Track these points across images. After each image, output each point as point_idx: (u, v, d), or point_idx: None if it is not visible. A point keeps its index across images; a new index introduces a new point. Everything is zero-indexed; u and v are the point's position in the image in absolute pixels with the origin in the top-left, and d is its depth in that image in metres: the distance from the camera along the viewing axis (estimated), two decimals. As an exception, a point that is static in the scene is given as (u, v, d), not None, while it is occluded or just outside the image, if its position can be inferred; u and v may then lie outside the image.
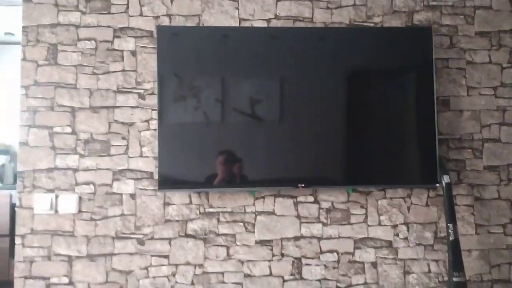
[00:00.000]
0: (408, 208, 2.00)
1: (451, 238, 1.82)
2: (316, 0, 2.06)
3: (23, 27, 1.94)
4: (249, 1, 2.04)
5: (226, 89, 1.95)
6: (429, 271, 1.97)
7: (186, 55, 1.92)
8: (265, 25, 2.03)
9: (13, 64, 3.90)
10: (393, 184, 1.98)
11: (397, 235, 1.99)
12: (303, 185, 1.88)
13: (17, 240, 1.88)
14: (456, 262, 1.80)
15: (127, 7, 1.97)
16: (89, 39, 1.95)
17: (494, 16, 2.13)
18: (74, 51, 1.94)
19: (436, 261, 1.98)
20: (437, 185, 1.93)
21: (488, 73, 2.09)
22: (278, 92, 1.97)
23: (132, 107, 1.94)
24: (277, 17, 2.05)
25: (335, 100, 1.99)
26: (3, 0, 3.05)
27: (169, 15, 2.00)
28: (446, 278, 1.95)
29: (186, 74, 1.92)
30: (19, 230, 1.87)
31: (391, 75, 2.05)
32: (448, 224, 1.84)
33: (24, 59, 1.92)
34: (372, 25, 2.07)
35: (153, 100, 1.94)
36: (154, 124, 1.94)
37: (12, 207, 3.39)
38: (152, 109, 1.94)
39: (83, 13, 1.96)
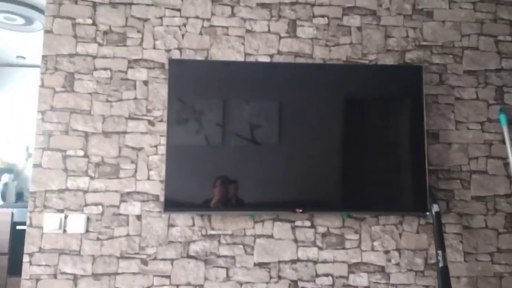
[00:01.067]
0: (400, 235, 2.11)
1: (441, 264, 1.92)
2: (316, 38, 2.23)
3: (43, 56, 2.08)
4: (254, 38, 2.20)
5: (227, 115, 2.07)
6: (420, 297, 2.06)
7: (195, 85, 2.06)
8: (269, 59, 2.18)
9: (22, 86, 4.05)
10: (386, 211, 2.09)
11: (389, 260, 2.08)
12: (301, 210, 1.99)
13: (25, 258, 1.95)
14: (445, 288, 1.89)
15: (142, 40, 2.13)
16: (104, 69, 2.09)
17: (481, 56, 2.29)
18: (90, 80, 2.07)
19: (427, 287, 2.07)
20: (427, 213, 2.04)
21: (475, 109, 2.24)
22: (277, 119, 2.10)
23: (142, 133, 2.07)
24: (279, 52, 2.21)
25: (332, 130, 2.12)
26: (16, 27, 3.22)
27: (180, 49, 2.15)
28: (436, 304, 2.03)
29: (195, 102, 2.05)
30: (28, 248, 1.95)
31: (385, 108, 2.19)
32: (438, 251, 1.94)
33: (42, 85, 2.06)
34: (367, 62, 2.23)
35: (162, 127, 2.06)
36: (161, 149, 2.06)
37: (13, 225, 3.45)
38: (161, 135, 2.07)
39: (100, 44, 2.11)
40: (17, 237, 3.39)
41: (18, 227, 3.44)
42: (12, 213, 3.45)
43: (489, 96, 2.26)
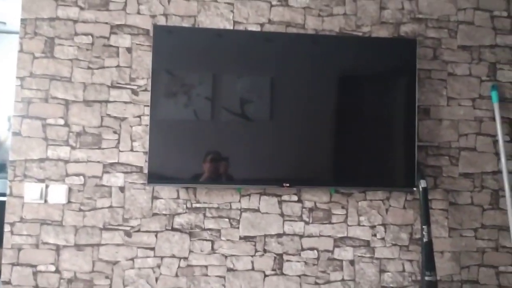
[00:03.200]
0: (386, 210, 2.10)
1: (425, 239, 1.93)
2: (309, 8, 2.15)
3: (22, 19, 1.97)
4: (244, 5, 2.11)
5: (217, 88, 2.01)
6: (404, 270, 2.08)
7: (181, 54, 1.98)
8: (259, 29, 2.10)
9: (3, 53, 3.90)
10: (373, 186, 2.07)
11: (375, 235, 2.09)
12: (288, 185, 1.97)
13: (6, 228, 1.91)
14: (428, 262, 1.91)
15: (125, 5, 2.03)
16: (86, 34, 2.00)
17: (476, 32, 2.24)
18: (71, 45, 1.98)
19: (410, 261, 2.08)
20: (414, 189, 2.03)
21: (467, 85, 2.21)
22: (268, 93, 2.04)
23: (125, 102, 2.00)
24: (270, 22, 2.12)
25: (322, 104, 2.07)
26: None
27: (165, 15, 2.05)
28: (419, 277, 2.05)
29: (179, 72, 1.97)
30: (9, 218, 1.91)
31: (376, 82, 2.14)
32: (423, 226, 1.94)
33: (21, 50, 1.96)
34: (360, 34, 2.17)
35: (146, 97, 2.00)
36: (145, 119, 1.99)
37: (-3, 196, 3.40)
38: (145, 105, 2.00)
39: (82, 8, 2.00)
40: (0, 209, 3.34)
41: (0, 198, 3.38)
42: (-4, 184, 3.38)
43: (482, 73, 2.22)
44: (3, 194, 3.32)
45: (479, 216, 2.15)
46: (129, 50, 2.01)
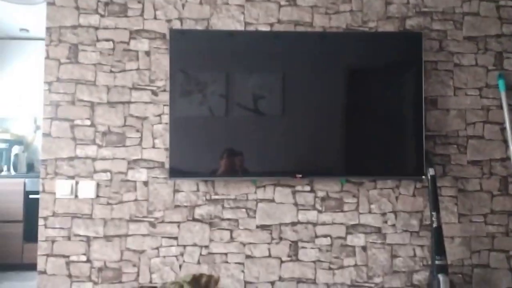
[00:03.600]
0: (396, 198, 2.19)
1: (434, 225, 2.01)
2: (316, 6, 2.23)
3: (47, 28, 2.12)
4: (254, 7, 2.21)
5: (230, 86, 2.12)
6: (414, 255, 2.16)
7: (196, 55, 2.10)
8: (269, 28, 2.20)
9: (27, 59, 4.09)
10: (383, 175, 2.16)
11: (386, 222, 2.17)
12: (300, 176, 2.07)
13: (40, 222, 2.07)
14: (438, 247, 1.99)
15: (143, 11, 2.16)
16: (107, 40, 2.13)
17: (481, 22, 2.29)
18: (94, 51, 2.12)
19: (421, 246, 2.17)
20: (423, 177, 2.11)
21: (474, 75, 2.26)
22: (280, 89, 2.14)
23: (145, 102, 2.13)
24: (279, 21, 2.22)
25: (332, 97, 2.16)
26: (21, -2, 3.22)
27: (180, 19, 2.17)
28: (430, 262, 2.13)
29: (195, 72, 2.09)
30: (42, 213, 2.07)
31: (385, 75, 2.21)
32: (432, 213, 2.02)
33: (47, 57, 2.11)
34: (367, 29, 2.24)
35: (165, 96, 2.12)
36: (165, 118, 2.12)
37: (26, 194, 3.59)
38: (164, 105, 2.13)
39: (102, 16, 2.14)
40: (30, 206, 3.53)
41: (30, 196, 3.58)
42: (24, 183, 3.58)
43: (488, 62, 2.27)
44: (34, 192, 3.55)
45: (488, 202, 2.21)
46: (147, 53, 2.14)
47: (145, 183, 2.11)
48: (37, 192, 3.53)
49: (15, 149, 3.98)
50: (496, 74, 2.26)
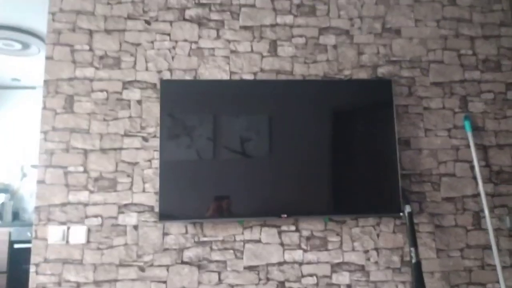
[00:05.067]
0: (378, 235, 2.29)
1: (414, 260, 2.10)
2: (295, 56, 2.44)
3: (44, 80, 2.25)
4: (239, 57, 2.40)
5: (218, 129, 2.25)
6: (397, 291, 2.24)
7: (185, 102, 2.24)
8: (253, 77, 2.38)
9: (16, 108, 4.20)
10: (364, 213, 2.27)
11: (369, 259, 2.26)
12: (285, 215, 2.17)
13: (32, 268, 2.09)
14: (418, 282, 2.07)
15: (135, 63, 2.32)
16: (101, 91, 2.27)
17: (446, 69, 2.52)
18: (88, 101, 2.25)
19: (403, 282, 2.25)
20: (401, 214, 2.23)
21: (442, 117, 2.46)
22: (266, 131, 2.28)
23: (136, 148, 2.24)
24: (262, 70, 2.41)
25: (314, 139, 2.30)
26: (14, 51, 3.39)
27: (170, 70, 2.34)
28: (412, 297, 2.21)
29: (184, 117, 2.23)
30: (34, 259, 2.10)
31: (361, 118, 2.38)
32: (411, 248, 2.13)
33: (44, 108, 2.23)
34: (343, 77, 2.44)
35: (155, 142, 2.24)
36: (155, 163, 2.23)
37: (11, 244, 3.56)
38: (154, 150, 2.24)
39: (97, 68, 2.29)
40: (15, 256, 3.49)
41: (15, 246, 3.55)
42: (10, 232, 3.56)
43: (454, 105, 2.48)
44: (19, 242, 3.52)
45: (463, 236, 2.33)
46: (139, 102, 2.28)
47: (135, 227, 2.17)
48: (22, 242, 3.51)
49: (1, 198, 3.99)
50: (462, 116, 2.46)
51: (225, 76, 2.37)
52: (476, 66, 2.54)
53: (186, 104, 2.24)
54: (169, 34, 2.37)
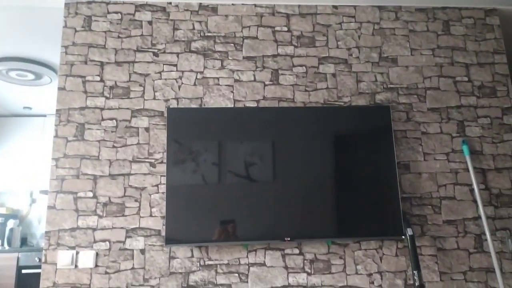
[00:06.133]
0: (381, 258, 2.32)
1: (417, 284, 2.12)
2: (296, 84, 2.54)
3: (57, 110, 2.36)
4: (242, 86, 2.51)
5: (222, 154, 2.33)
6: (401, 315, 2.25)
7: (191, 129, 2.33)
8: (255, 104, 2.48)
9: (26, 135, 4.31)
10: (366, 236, 2.31)
11: (372, 282, 2.28)
12: (289, 239, 2.21)
13: (40, 293, 2.14)
14: (422, 305, 2.09)
15: (143, 93, 2.43)
16: (111, 119, 2.38)
17: (442, 95, 2.61)
18: (98, 129, 2.35)
19: (407, 305, 2.26)
20: (403, 237, 2.27)
21: (440, 141, 2.53)
22: (270, 156, 2.36)
23: (144, 174, 2.32)
24: (265, 98, 2.51)
25: (317, 164, 2.37)
26: (27, 81, 3.53)
27: (177, 98, 2.45)
28: (417, 321, 2.21)
29: (190, 143, 2.31)
30: (43, 283, 2.14)
31: (361, 143, 2.46)
32: (414, 271, 2.15)
33: (56, 136, 2.33)
34: (342, 104, 2.54)
35: (162, 168, 2.32)
36: (162, 187, 2.30)
37: (19, 269, 3.60)
38: (161, 175, 2.32)
39: (107, 98, 2.40)
40: (23, 281, 3.53)
41: (23, 271, 3.59)
42: (18, 257, 3.61)
43: (452, 130, 2.55)
44: (26, 267, 3.56)
45: (466, 259, 2.35)
46: (147, 129, 2.38)
47: (142, 251, 2.22)
48: (30, 267, 3.55)
49: (10, 223, 4.04)
50: (460, 140, 2.53)
51: (229, 104, 2.47)
52: (472, 92, 2.63)
53: (192, 131, 2.34)
54: (176, 65, 2.50)
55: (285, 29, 2.62)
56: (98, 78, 2.43)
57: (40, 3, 2.50)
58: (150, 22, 2.54)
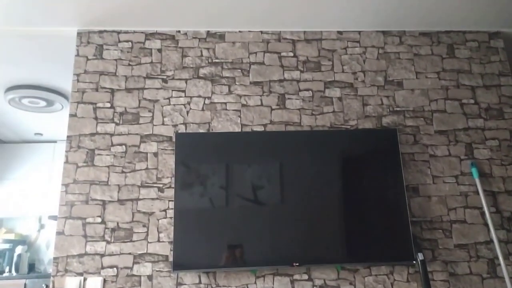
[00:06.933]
0: (392, 284, 2.27)
1: (430, 310, 2.07)
2: (303, 108, 2.57)
3: (68, 136, 2.40)
4: (249, 111, 2.54)
5: (230, 178, 2.33)
6: None
7: (199, 153, 2.35)
8: (263, 129, 2.51)
9: (36, 161, 4.37)
10: (376, 261, 2.27)
11: (384, 309, 2.23)
12: (297, 264, 2.18)
13: (46, 320, 2.12)
14: (436, 333, 2.02)
15: (152, 118, 2.47)
16: (120, 145, 2.41)
17: (449, 118, 2.61)
18: (108, 154, 2.38)
19: (421, 333, 2.19)
20: (414, 262, 2.23)
21: (449, 164, 2.51)
22: (277, 179, 2.35)
23: (152, 199, 2.33)
24: (272, 122, 2.53)
25: (325, 188, 2.36)
26: (39, 108, 3.61)
27: (185, 123, 2.48)
28: None
29: (198, 168, 2.33)
30: (50, 310, 2.13)
31: (369, 166, 2.45)
32: (426, 297, 2.10)
33: (66, 162, 2.36)
34: (349, 127, 2.55)
35: (170, 192, 2.33)
36: (170, 212, 2.30)
37: (26, 295, 3.58)
38: (169, 200, 2.32)
39: (117, 124, 2.45)
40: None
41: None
42: (25, 284, 3.60)
43: (460, 152, 2.54)
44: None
45: (479, 285, 2.29)
46: (155, 154, 2.41)
47: (149, 277, 2.21)
48: (37, 293, 3.53)
49: (18, 249, 4.05)
50: (469, 163, 2.51)
51: (237, 129, 2.50)
52: (479, 114, 2.63)
53: (200, 155, 2.36)
54: (184, 91, 2.55)
55: (291, 54, 2.67)
56: (108, 105, 2.48)
57: (53, 32, 2.59)
58: (159, 50, 2.61)
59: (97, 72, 2.55)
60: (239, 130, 2.49)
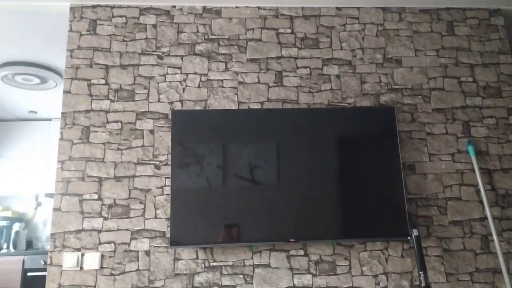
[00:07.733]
0: (386, 259, 2.31)
1: (423, 284, 2.11)
2: (300, 86, 2.55)
3: (62, 113, 2.38)
4: (246, 88, 2.51)
5: (227, 157, 2.33)
6: (408, 316, 2.23)
7: (195, 131, 2.34)
8: (259, 106, 2.49)
9: (31, 139, 4.34)
10: (371, 237, 2.30)
11: (378, 284, 2.27)
12: (294, 240, 2.21)
13: (45, 295, 2.14)
14: (428, 306, 2.07)
15: (148, 95, 2.44)
16: (116, 122, 2.39)
17: (447, 96, 2.60)
18: (104, 132, 2.36)
19: (414, 307, 2.24)
20: (409, 238, 2.26)
21: (445, 142, 2.52)
22: (274, 158, 2.36)
23: (149, 176, 2.32)
24: (269, 100, 2.51)
25: (321, 165, 2.37)
26: (32, 86, 3.56)
27: (181, 101, 2.46)
28: (423, 323, 2.19)
29: (194, 146, 2.32)
30: (49, 285, 2.15)
31: (366, 144, 2.45)
32: (420, 272, 2.14)
33: (61, 139, 2.34)
34: (346, 105, 2.54)
35: (167, 170, 2.33)
36: (167, 189, 2.30)
37: (24, 272, 3.62)
38: (166, 177, 2.32)
39: (112, 101, 2.42)
40: (28, 284, 3.54)
41: (29, 274, 3.60)
42: (23, 260, 3.63)
43: (457, 130, 2.54)
44: (31, 270, 3.57)
45: (472, 260, 2.33)
46: (151, 132, 2.39)
47: (147, 253, 2.22)
48: (35, 270, 3.57)
49: (16, 226, 4.06)
50: (466, 141, 2.52)
51: (234, 106, 2.48)
52: (477, 92, 2.62)
53: (196, 133, 2.34)
54: (180, 68, 2.51)
55: (289, 31, 2.63)
56: (103, 81, 2.45)
57: (46, 7, 2.53)
58: (154, 26, 2.56)
59: (90, 48, 2.50)
60: (236, 108, 2.47)
